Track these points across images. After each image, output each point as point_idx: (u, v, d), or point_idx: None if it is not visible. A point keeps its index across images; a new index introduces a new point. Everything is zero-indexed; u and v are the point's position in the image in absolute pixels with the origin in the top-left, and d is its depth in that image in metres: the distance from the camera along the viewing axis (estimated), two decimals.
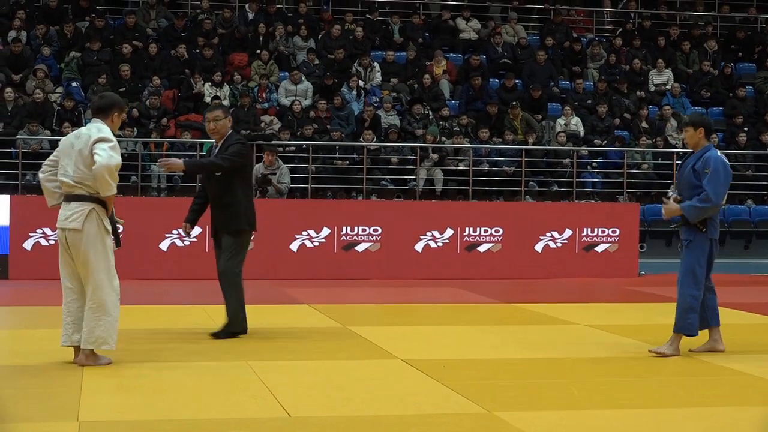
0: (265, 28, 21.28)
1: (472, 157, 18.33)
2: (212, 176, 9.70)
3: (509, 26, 22.69)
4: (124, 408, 6.70)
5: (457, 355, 8.94)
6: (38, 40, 20.02)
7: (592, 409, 6.87)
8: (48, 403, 6.82)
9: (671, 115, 20.10)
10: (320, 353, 8.94)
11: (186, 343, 9.34)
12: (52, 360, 8.35)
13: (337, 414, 6.60)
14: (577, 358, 8.86)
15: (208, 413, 6.56)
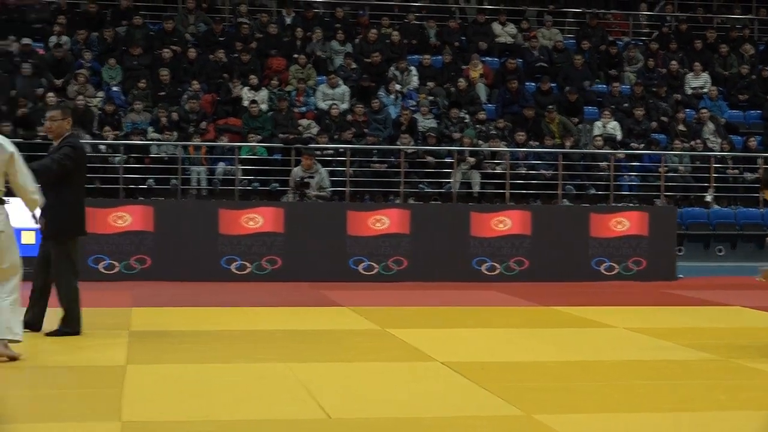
0: (303, 32, 21.35)
1: (509, 161, 18.30)
2: None
3: (545, 30, 22.63)
4: (166, 408, 6.74)
5: (494, 357, 8.93)
6: (79, 46, 20.18)
7: (630, 412, 6.84)
8: (90, 403, 6.86)
9: (708, 118, 19.98)
10: (359, 355, 8.96)
11: (225, 344, 9.39)
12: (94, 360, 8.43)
13: (376, 416, 6.61)
14: (615, 360, 8.83)
15: (249, 414, 6.58)
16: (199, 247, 15.13)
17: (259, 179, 18.01)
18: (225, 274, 15.07)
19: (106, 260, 14.87)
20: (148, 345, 9.22)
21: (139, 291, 13.45)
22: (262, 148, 18.15)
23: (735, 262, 18.13)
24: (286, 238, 15.29)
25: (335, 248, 15.42)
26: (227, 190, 17.63)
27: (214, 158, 18.11)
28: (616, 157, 18.73)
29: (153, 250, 15.01)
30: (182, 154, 17.73)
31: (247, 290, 13.92)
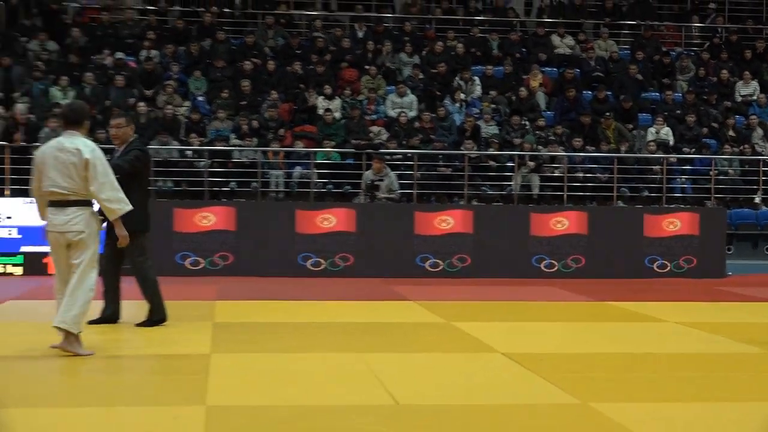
0: (374, 45, 21.43)
1: (566, 165, 18.23)
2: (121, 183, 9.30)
3: (601, 41, 22.49)
4: (248, 394, 6.83)
5: (552, 349, 8.91)
6: (167, 59, 20.43)
7: (681, 402, 6.81)
8: (178, 389, 6.97)
9: (757, 124, 19.76)
10: (426, 346, 8.98)
11: (303, 335, 9.46)
12: (181, 349, 8.55)
13: (442, 402, 6.64)
14: (666, 353, 8.78)
15: (324, 400, 6.64)
16: (277, 245, 15.24)
17: (332, 182, 18.08)
18: (301, 270, 15.17)
19: (192, 257, 15.04)
20: (231, 335, 9.32)
21: (223, 286, 13.58)
22: (335, 153, 18.24)
23: None
24: (357, 237, 15.36)
25: (403, 246, 15.45)
26: (303, 192, 17.73)
27: (292, 163, 18.22)
28: (669, 161, 18.56)
29: (235, 247, 15.16)
30: (262, 159, 17.86)
31: (321, 285, 13.99)
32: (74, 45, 20.57)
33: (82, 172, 8.02)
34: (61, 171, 8.07)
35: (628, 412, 6.33)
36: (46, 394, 6.87)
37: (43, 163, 8.14)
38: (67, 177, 8.05)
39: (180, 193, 17.47)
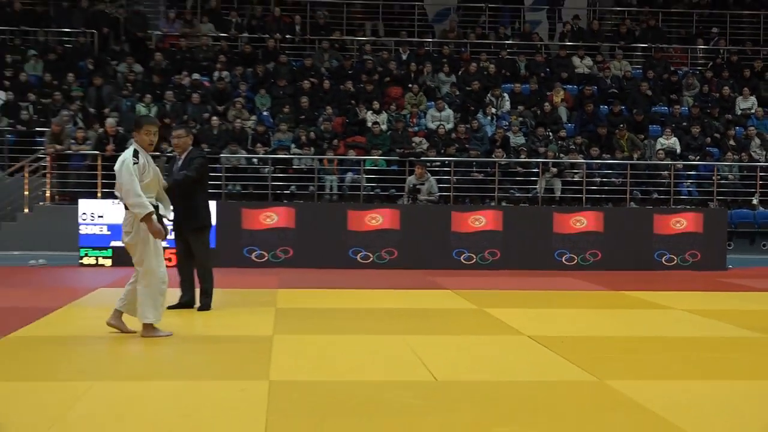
0: (416, 66, 21.44)
1: (585, 170, 18.17)
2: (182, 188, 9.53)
3: (616, 62, 22.36)
4: (305, 370, 6.83)
5: (572, 332, 8.82)
6: (236, 79, 20.54)
7: (689, 379, 6.73)
8: (244, 366, 6.98)
9: (755, 135, 19.65)
10: (460, 329, 8.95)
11: (353, 319, 9.45)
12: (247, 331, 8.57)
13: (474, 379, 6.61)
14: (674, 336, 8.69)
15: (371, 376, 6.64)
16: (331, 240, 15.24)
17: (379, 186, 18.11)
18: (352, 262, 15.17)
19: (257, 251, 15.08)
20: (291, 319, 9.34)
21: (283, 276, 13.62)
22: (382, 160, 18.26)
23: None
24: (401, 234, 15.33)
25: (441, 242, 15.41)
26: (354, 194, 17.77)
27: (344, 169, 18.27)
28: (676, 167, 18.48)
29: (294, 242, 15.18)
30: (318, 166, 17.92)
31: (369, 276, 14.00)
32: (157, 67, 20.76)
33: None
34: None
35: (640, 389, 6.26)
36: (131, 369, 6.91)
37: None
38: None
39: (247, 195, 17.56)
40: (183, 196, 9.50)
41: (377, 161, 18.26)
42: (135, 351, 7.65)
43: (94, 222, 14.67)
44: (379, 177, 18.18)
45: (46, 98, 19.46)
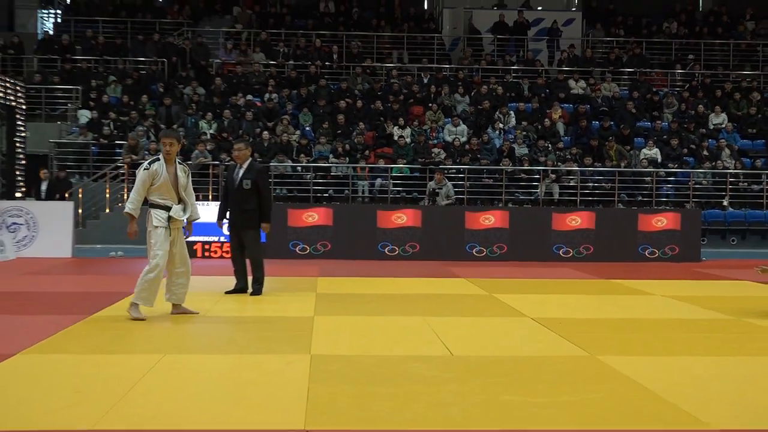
0: (435, 88, 21.44)
1: (579, 177, 18.12)
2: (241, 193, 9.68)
3: (606, 84, 22.24)
4: (341, 346, 6.84)
5: (568, 314, 8.79)
6: (283, 99, 20.62)
7: (668, 355, 6.68)
8: (289, 342, 7.00)
9: (725, 146, 19.49)
10: (473, 312, 8.93)
11: (381, 303, 9.45)
12: (292, 312, 8.58)
13: (485, 354, 6.60)
14: (656, 318, 8.63)
15: (398, 351, 6.63)
16: (363, 236, 15.27)
17: (404, 189, 18.11)
18: (381, 255, 15.18)
19: (300, 245, 15.13)
20: (329, 302, 9.36)
21: (323, 266, 13.66)
22: (406, 168, 18.27)
23: (744, 249, 17.80)
24: (422, 230, 15.33)
25: (456, 237, 15.40)
26: (382, 197, 17.80)
27: (374, 175, 18.29)
28: (657, 174, 18.43)
29: (332, 238, 15.22)
30: (352, 173, 17.97)
31: (395, 266, 14.01)
32: (217, 90, 20.87)
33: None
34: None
35: (626, 363, 6.23)
36: (194, 344, 6.97)
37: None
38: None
39: (292, 197, 17.63)
40: (240, 201, 9.69)
41: (402, 169, 18.28)
42: (197, 329, 7.70)
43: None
44: (404, 182, 18.19)
45: (124, 116, 19.63)
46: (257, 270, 9.94)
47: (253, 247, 9.91)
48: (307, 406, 4.93)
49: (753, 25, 26.09)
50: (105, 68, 22.06)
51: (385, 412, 4.87)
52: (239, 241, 9.92)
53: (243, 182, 9.71)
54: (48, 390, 5.25)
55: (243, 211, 9.70)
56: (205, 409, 4.88)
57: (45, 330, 7.24)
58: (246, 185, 9.70)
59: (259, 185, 9.74)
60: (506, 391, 5.37)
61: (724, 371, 6.15)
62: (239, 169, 9.85)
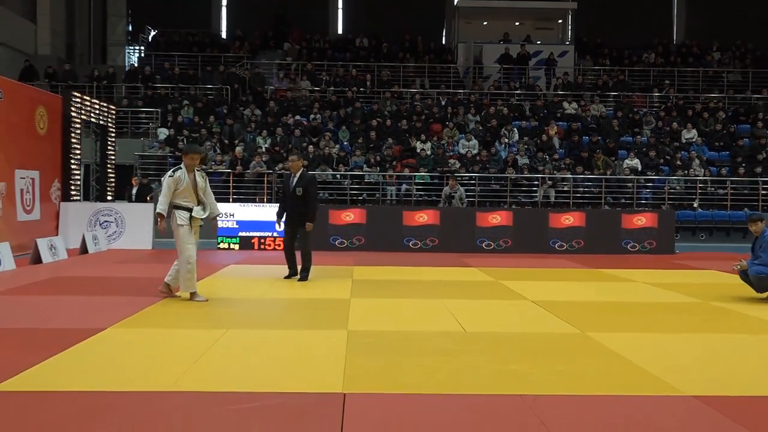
0: (451, 109, 21.36)
1: (572, 183, 17.96)
2: (295, 198, 9.71)
3: (595, 105, 22.04)
4: (373, 323, 6.84)
5: (562, 297, 8.71)
6: (325, 119, 20.66)
7: (648, 332, 6.60)
8: (329, 319, 7.01)
9: (695, 157, 19.22)
10: (483, 295, 8.88)
11: (406, 287, 9.41)
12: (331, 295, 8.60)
13: (493, 330, 6.56)
14: (637, 302, 8.52)
15: (418, 327, 6.62)
16: (391, 232, 15.25)
17: (425, 193, 18.08)
18: (405, 247, 15.15)
19: (339, 239, 15.14)
20: (363, 287, 9.36)
21: (358, 257, 13.67)
22: (427, 176, 18.23)
23: (711, 244, 17.51)
24: (440, 227, 15.28)
25: (469, 233, 15.32)
26: (407, 199, 17.77)
27: (400, 182, 18.26)
28: (638, 181, 18.21)
29: (365, 233, 15.21)
30: (382, 180, 17.95)
31: (418, 257, 13.98)
32: (270, 111, 20.97)
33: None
34: None
35: (612, 339, 6.17)
36: (252, 321, 7.00)
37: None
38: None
39: (332, 200, 17.65)
40: (293, 204, 9.79)
41: (424, 176, 18.24)
42: (254, 309, 7.73)
43: (228, 218, 14.88)
44: (425, 187, 18.15)
45: (195, 133, 19.79)
46: (306, 260, 9.97)
47: (304, 241, 9.96)
48: (345, 373, 4.94)
49: (719, 55, 25.83)
50: (180, 94, 22.26)
51: (410, 378, 4.86)
52: (292, 236, 9.99)
53: (296, 189, 9.78)
54: (132, 358, 5.31)
55: (296, 213, 9.79)
56: (260, 375, 4.90)
57: (130, 308, 7.32)
58: (298, 192, 9.77)
59: (308, 192, 9.78)
60: (511, 362, 5.34)
61: (694, 346, 6.07)
62: (293, 178, 9.91)
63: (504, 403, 4.39)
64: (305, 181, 9.83)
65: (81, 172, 15.46)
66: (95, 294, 8.33)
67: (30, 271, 10.47)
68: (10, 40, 23.09)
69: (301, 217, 9.78)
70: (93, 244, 13.71)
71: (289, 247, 10.10)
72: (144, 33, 27.05)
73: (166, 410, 4.14)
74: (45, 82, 21.37)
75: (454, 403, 4.35)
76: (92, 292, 8.47)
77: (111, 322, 6.56)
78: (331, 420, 4.01)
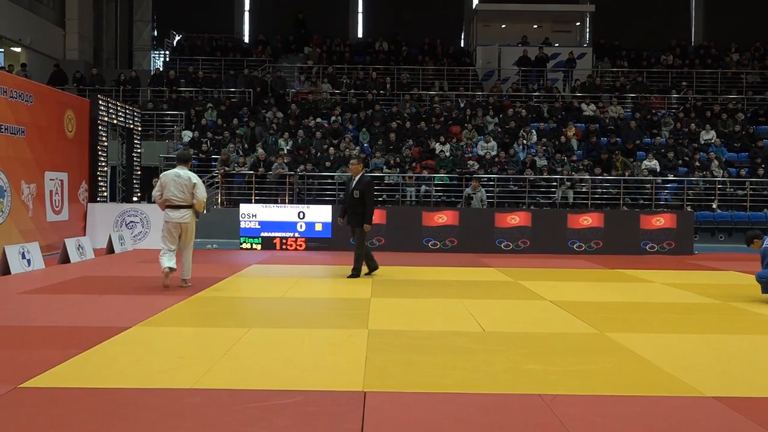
0: (470, 111, 21.30)
1: (590, 184, 17.84)
2: (353, 200, 10.08)
3: (613, 107, 21.88)
4: (392, 322, 6.83)
5: (581, 298, 8.65)
6: (345, 121, 20.69)
7: (667, 333, 6.54)
8: (350, 318, 7.02)
9: (714, 158, 19.01)
10: (501, 295, 8.84)
11: (426, 287, 9.41)
12: (353, 294, 8.61)
13: (511, 330, 6.53)
14: (656, 302, 8.44)
15: (438, 327, 6.61)
16: (410, 232, 15.25)
17: (444, 194, 18.05)
18: (425, 248, 15.14)
19: None
20: (383, 287, 9.37)
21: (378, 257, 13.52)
22: (446, 177, 18.18)
23: (730, 245, 17.32)
24: (460, 228, 15.25)
25: (487, 234, 15.28)
26: (426, 200, 17.74)
27: (419, 183, 18.24)
28: (656, 182, 18.04)
29: (386, 234, 15.19)
30: (401, 181, 17.93)
31: (437, 258, 13.95)
32: (292, 114, 21.06)
33: (191, 190, 8.71)
34: (178, 188, 8.67)
35: (631, 339, 6.11)
36: (275, 320, 7.02)
37: (166, 183, 8.71)
38: (181, 192, 8.66)
39: None
40: (352, 205, 10.18)
41: (443, 178, 18.20)
42: (277, 308, 7.76)
43: (250, 219, 14.95)
44: (444, 188, 18.11)
45: (218, 135, 19.92)
46: (357, 261, 10.31)
47: (358, 242, 10.31)
48: (365, 371, 4.94)
49: (737, 56, 25.54)
50: (203, 97, 22.42)
51: (429, 376, 4.85)
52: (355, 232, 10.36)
53: (354, 192, 10.14)
54: (158, 355, 5.35)
55: (354, 214, 10.20)
56: (283, 372, 4.92)
57: (155, 307, 7.38)
58: (356, 194, 10.11)
59: (365, 194, 10.07)
60: (528, 361, 5.31)
61: (713, 346, 5.99)
62: (353, 181, 10.22)
63: (523, 402, 4.36)
64: (363, 184, 10.13)
65: (108, 174, 15.62)
66: (121, 293, 8.41)
67: (58, 271, 10.60)
68: (40, 45, 23.40)
69: (358, 217, 10.11)
70: (119, 244, 13.84)
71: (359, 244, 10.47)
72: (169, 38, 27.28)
73: (190, 407, 4.16)
74: (73, 86, 21.62)
75: (473, 402, 4.33)
76: (118, 291, 8.56)
77: (136, 321, 6.62)
78: (353, 417, 4.01)
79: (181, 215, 8.70)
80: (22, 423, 3.86)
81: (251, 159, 18.31)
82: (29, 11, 22.87)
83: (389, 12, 28.13)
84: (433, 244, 15.21)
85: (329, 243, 14.92)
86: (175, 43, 26.80)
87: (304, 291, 8.86)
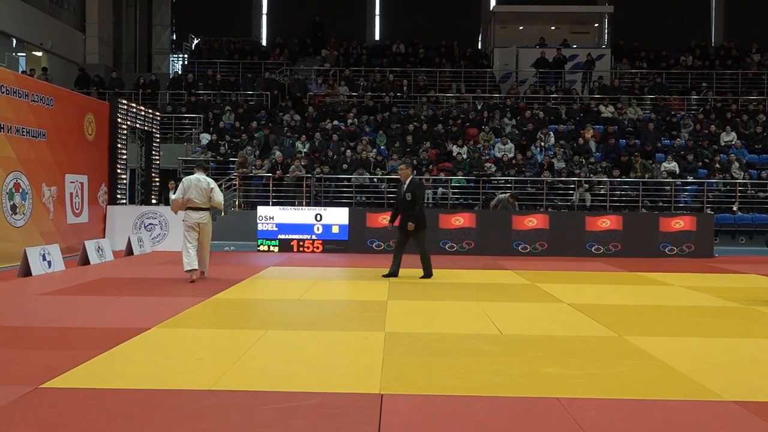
0: (487, 113, 21.25)
1: (608, 186, 17.72)
2: (405, 202, 10.31)
3: (631, 108, 21.73)
4: (409, 325, 6.82)
5: (599, 301, 8.59)
6: (362, 124, 20.72)
7: (686, 336, 6.48)
8: (367, 321, 7.01)
9: (735, 160, 18.81)
10: (518, 298, 8.80)
11: (442, 289, 9.38)
12: (370, 297, 8.60)
13: (529, 333, 6.49)
14: (675, 305, 8.36)
15: (455, 330, 6.58)
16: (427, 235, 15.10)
17: (462, 197, 18.00)
18: (442, 250, 15.11)
19: (376, 242, 15.10)
20: (400, 289, 9.35)
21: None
22: (463, 179, 18.14)
23: (751, 248, 17.15)
24: (477, 230, 15.21)
25: (505, 236, 15.22)
26: (443, 203, 17.71)
27: (436, 185, 18.22)
28: (676, 184, 17.89)
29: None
30: None
31: (454, 260, 13.92)
32: (309, 116, 21.12)
33: (209, 194, 9.66)
34: (198, 192, 9.60)
35: (650, 343, 6.06)
36: (292, 322, 7.03)
37: (189, 186, 9.61)
38: (201, 195, 9.61)
39: (369, 203, 17.68)
40: (404, 208, 10.40)
41: (460, 180, 18.16)
42: (294, 310, 7.77)
43: (267, 221, 15.01)
44: (462, 191, 18.07)
45: (236, 138, 20.02)
46: (426, 266, 10.48)
47: (420, 245, 10.47)
48: (382, 374, 4.93)
49: (758, 57, 25.26)
50: (221, 100, 22.55)
51: (446, 380, 4.84)
52: (403, 238, 10.54)
53: (405, 195, 10.35)
54: (176, 357, 5.38)
55: (407, 216, 10.38)
56: (300, 374, 4.93)
57: (173, 309, 7.43)
58: (407, 197, 10.31)
59: (414, 196, 10.27)
60: (546, 365, 5.28)
61: (734, 351, 5.93)
62: (404, 185, 10.43)
63: (541, 405, 4.34)
64: (413, 186, 10.34)
65: (127, 177, 15.76)
66: (140, 295, 8.47)
67: (78, 273, 10.70)
68: (60, 49, 23.67)
69: (410, 219, 10.27)
70: (138, 246, 13.95)
71: (398, 248, 10.61)
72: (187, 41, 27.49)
73: (208, 409, 4.18)
74: (93, 90, 21.84)
75: (489, 405, 4.32)
76: (137, 292, 8.62)
77: (155, 322, 6.66)
78: (369, 420, 4.01)
79: (200, 216, 9.67)
80: (43, 423, 3.90)
81: (268, 162, 18.38)
82: (50, 16, 23.15)
83: (406, 14, 28.15)
84: (450, 246, 15.18)
85: (346, 245, 14.93)
86: (194, 47, 27.00)
87: (321, 293, 8.87)
